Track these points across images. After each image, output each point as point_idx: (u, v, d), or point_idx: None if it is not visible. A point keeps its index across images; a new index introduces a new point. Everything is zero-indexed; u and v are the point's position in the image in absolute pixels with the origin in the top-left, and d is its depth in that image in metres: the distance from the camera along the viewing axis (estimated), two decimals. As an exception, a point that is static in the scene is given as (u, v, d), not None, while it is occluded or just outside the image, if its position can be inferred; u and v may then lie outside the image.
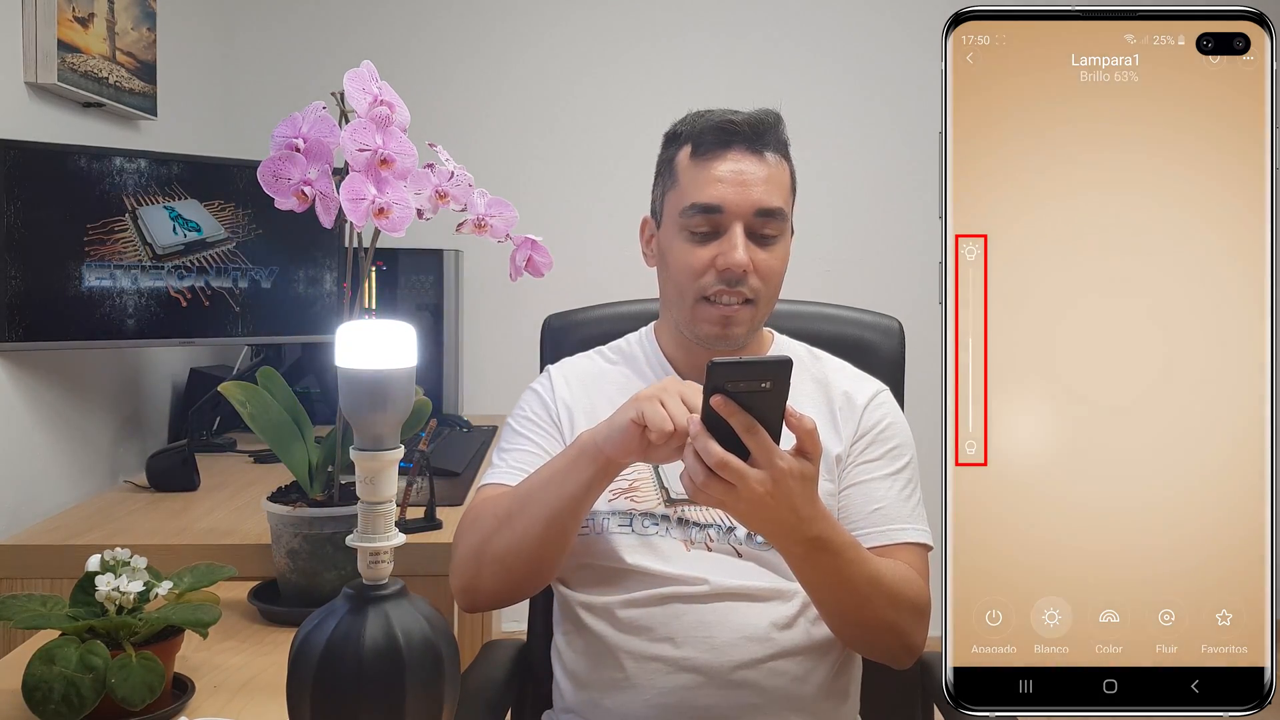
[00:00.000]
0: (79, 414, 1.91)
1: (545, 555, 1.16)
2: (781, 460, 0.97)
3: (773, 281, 1.25)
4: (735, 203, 1.22)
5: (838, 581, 1.09)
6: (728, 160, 1.23)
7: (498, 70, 3.06)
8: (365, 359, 0.86)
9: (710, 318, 1.24)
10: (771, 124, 1.26)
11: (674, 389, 1.05)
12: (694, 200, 1.23)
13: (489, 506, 1.20)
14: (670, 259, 1.27)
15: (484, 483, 1.28)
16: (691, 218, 1.23)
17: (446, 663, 0.87)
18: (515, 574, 1.17)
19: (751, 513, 1.00)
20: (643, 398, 1.05)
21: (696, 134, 1.26)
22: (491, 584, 1.18)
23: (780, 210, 1.24)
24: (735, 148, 1.23)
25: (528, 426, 1.30)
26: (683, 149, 1.27)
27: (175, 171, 1.87)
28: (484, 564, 1.17)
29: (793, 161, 1.29)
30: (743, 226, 1.22)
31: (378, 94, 1.13)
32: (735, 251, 1.21)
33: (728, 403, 0.96)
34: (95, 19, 1.95)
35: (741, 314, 1.24)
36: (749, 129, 1.24)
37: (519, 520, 1.14)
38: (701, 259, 1.23)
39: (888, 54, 3.08)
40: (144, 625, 1.01)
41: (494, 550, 1.16)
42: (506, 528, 1.15)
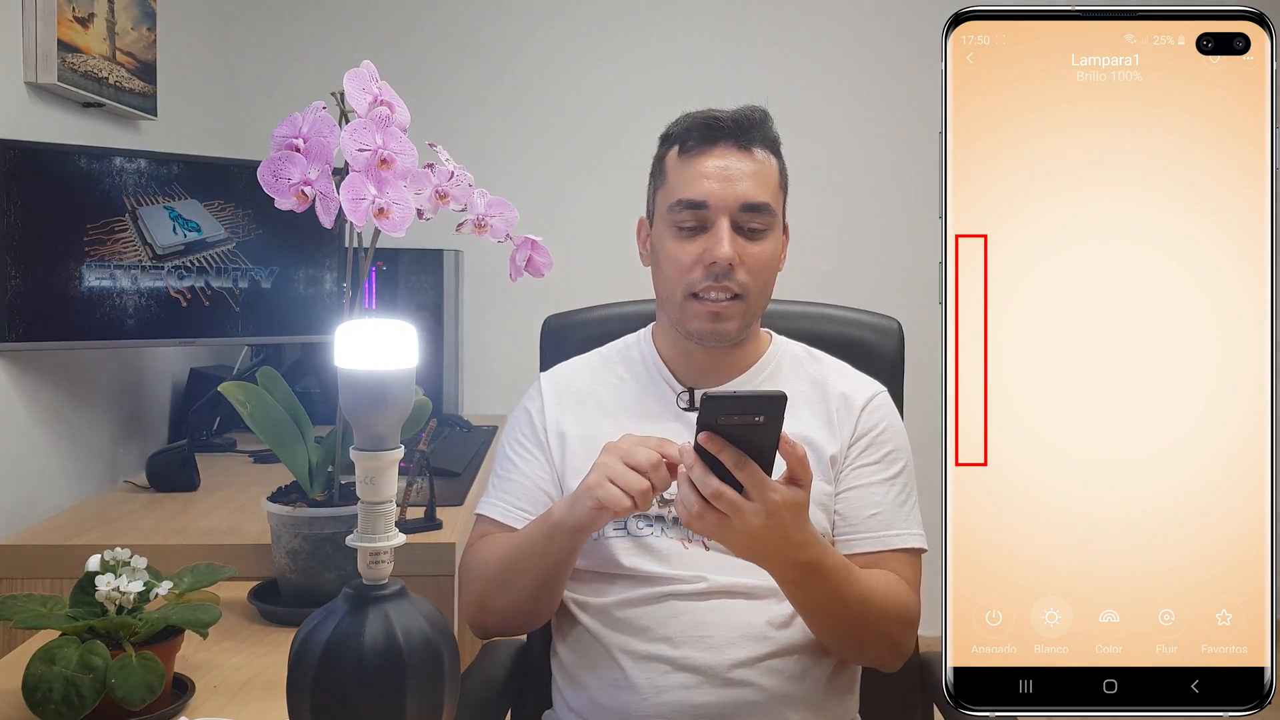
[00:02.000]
0: (79, 414, 1.91)
1: (542, 607, 1.24)
2: (774, 493, 0.99)
3: (762, 276, 1.25)
4: (720, 197, 1.23)
5: (830, 602, 1.11)
6: (713, 156, 1.24)
7: (498, 70, 3.06)
8: (365, 359, 0.86)
9: (700, 314, 1.24)
10: (758, 120, 1.27)
11: (615, 459, 1.08)
12: (680, 196, 1.24)
13: (484, 555, 1.25)
14: (661, 256, 1.28)
15: (481, 510, 1.32)
16: (678, 213, 1.25)
17: (446, 663, 0.87)
18: (519, 621, 1.27)
19: (746, 544, 1.03)
20: (591, 484, 1.08)
21: (683, 132, 1.28)
22: (499, 626, 1.27)
23: (767, 205, 1.24)
24: (721, 144, 1.25)
25: (517, 450, 1.33)
26: (672, 148, 1.29)
27: (175, 171, 1.87)
28: (489, 615, 1.25)
29: (783, 158, 1.30)
30: (729, 221, 1.23)
31: (378, 94, 1.13)
32: (720, 245, 1.22)
33: (715, 439, 0.97)
34: (95, 19, 1.95)
35: (731, 310, 1.24)
36: (734, 125, 1.25)
37: (512, 584, 1.21)
38: (689, 254, 1.24)
39: (887, 54, 3.08)
40: (144, 625, 1.01)
41: (495, 606, 1.23)
42: (501, 589, 1.21)
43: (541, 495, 1.28)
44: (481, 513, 1.31)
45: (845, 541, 1.23)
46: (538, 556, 1.17)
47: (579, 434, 1.29)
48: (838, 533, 1.24)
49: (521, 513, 1.27)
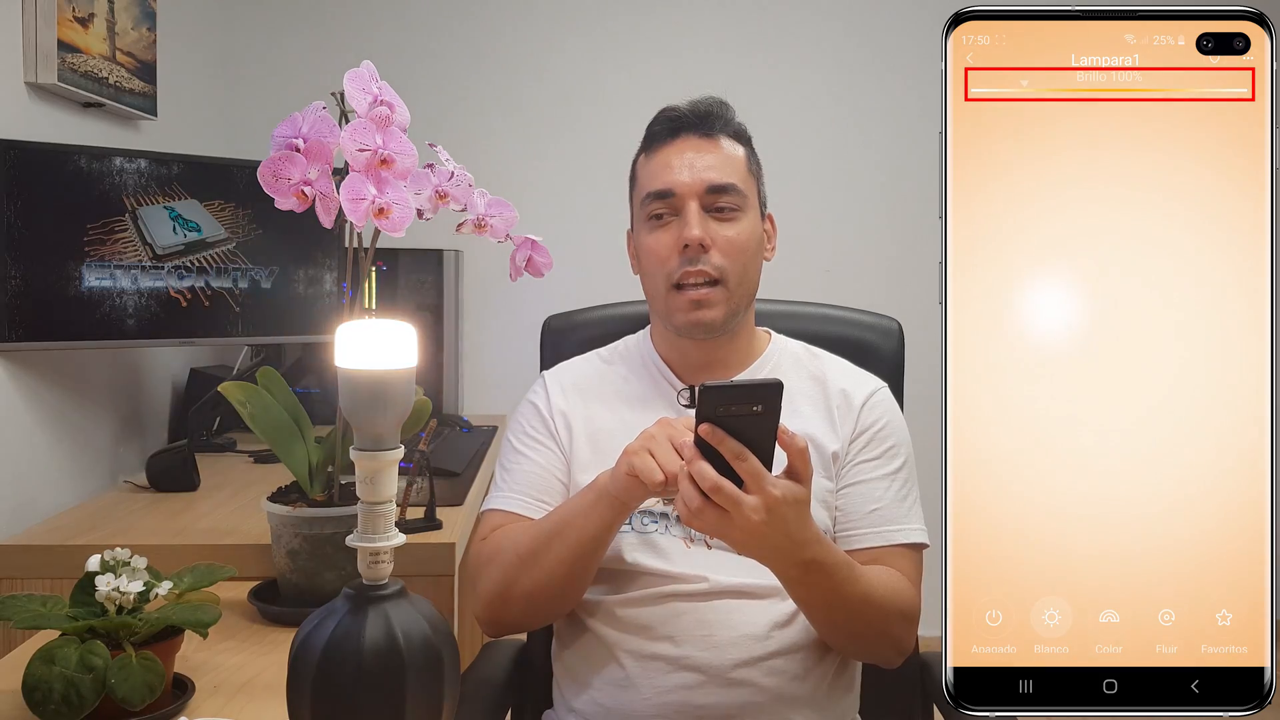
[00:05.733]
0: (79, 414, 1.91)
1: (571, 589, 1.20)
2: (774, 488, 0.99)
3: (738, 259, 1.25)
4: (686, 183, 1.25)
5: (831, 600, 1.11)
6: (676, 147, 1.27)
7: (498, 70, 3.06)
8: (365, 359, 0.86)
9: (682, 305, 1.25)
10: (718, 110, 1.30)
11: (663, 435, 1.06)
12: (648, 189, 1.27)
13: (507, 542, 1.22)
14: (641, 254, 1.30)
15: (489, 506, 1.30)
16: (649, 205, 1.27)
17: (446, 663, 0.87)
18: (543, 608, 1.22)
19: (746, 541, 1.02)
20: (632, 450, 1.07)
21: (647, 135, 1.31)
22: (519, 617, 1.23)
23: (733, 185, 1.26)
24: (683, 135, 1.28)
25: (527, 443, 1.31)
26: (640, 154, 1.32)
27: (175, 171, 1.87)
28: (511, 600, 1.20)
29: (752, 146, 1.32)
30: (697, 204, 1.24)
31: (378, 94, 1.13)
32: (690, 227, 1.23)
33: (715, 430, 0.97)
34: (95, 19, 1.95)
35: (712, 296, 1.24)
36: (694, 116, 1.28)
37: (544, 559, 1.16)
38: (663, 243, 1.25)
39: (888, 54, 3.08)
40: (144, 625, 1.01)
41: (521, 588, 1.19)
42: (532, 566, 1.17)
43: (556, 484, 1.28)
44: (493, 507, 1.29)
45: (846, 537, 1.23)
46: (578, 528, 1.15)
47: (584, 428, 1.29)
48: (839, 528, 1.24)
49: (539, 503, 1.26)
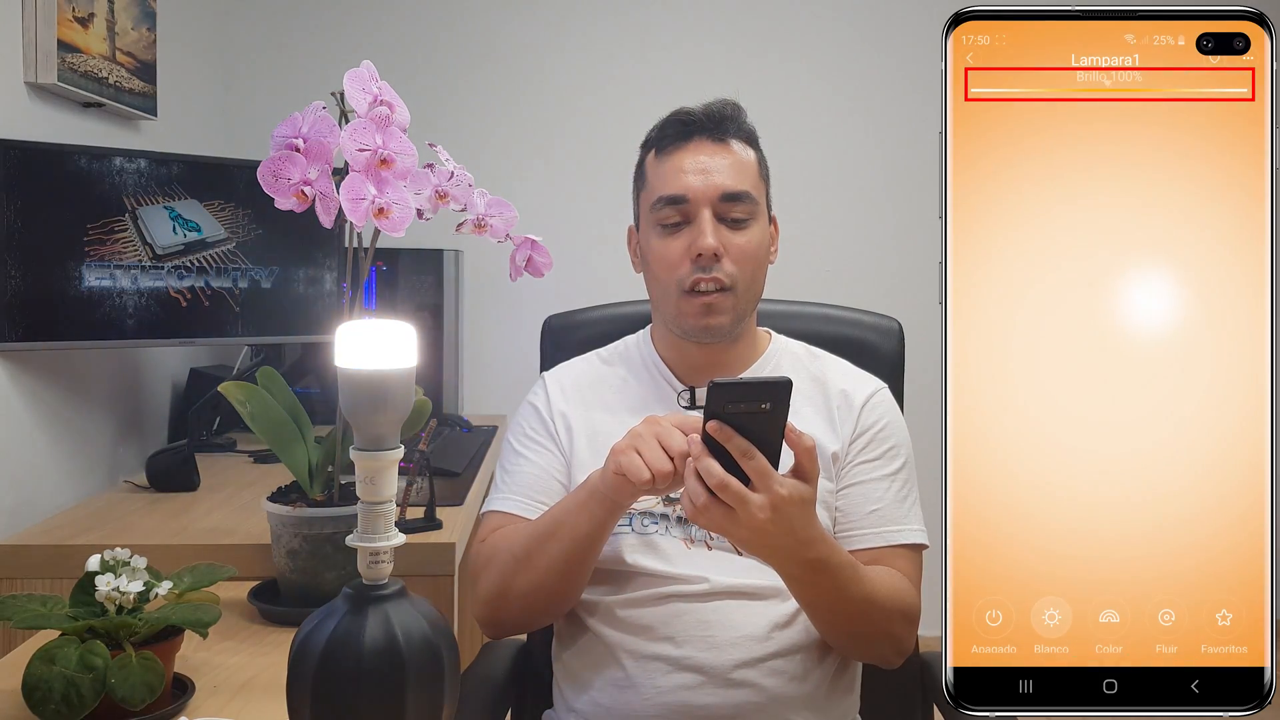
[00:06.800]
0: (79, 414, 1.91)
1: (567, 589, 1.20)
2: (780, 486, 0.99)
3: (748, 266, 1.25)
4: (699, 189, 1.24)
5: (835, 600, 1.11)
6: (689, 151, 1.26)
7: (498, 70, 3.06)
8: (365, 359, 0.86)
9: (692, 310, 1.25)
10: (730, 113, 1.29)
11: (651, 433, 1.06)
12: (660, 194, 1.26)
13: (504, 543, 1.22)
14: (649, 257, 1.29)
15: (489, 508, 1.30)
16: (661, 210, 1.26)
17: (446, 663, 0.87)
18: (540, 608, 1.22)
19: (752, 539, 1.02)
20: (619, 449, 1.07)
21: (658, 134, 1.30)
22: (518, 618, 1.24)
23: (747, 193, 1.25)
24: (695, 139, 1.26)
25: (527, 445, 1.31)
26: (649, 152, 1.31)
27: (175, 171, 1.87)
28: (509, 601, 1.20)
29: (761, 150, 1.31)
30: (710, 212, 1.24)
31: (378, 94, 1.13)
32: (704, 236, 1.22)
33: (723, 428, 0.97)
34: (95, 19, 1.95)
35: (722, 302, 1.24)
36: (707, 119, 1.27)
37: (539, 559, 1.17)
38: (675, 250, 1.25)
39: (889, 54, 3.08)
40: (144, 625, 1.01)
41: (518, 589, 1.19)
42: (528, 567, 1.18)
43: (556, 485, 1.28)
44: (493, 509, 1.29)
45: (846, 538, 1.23)
46: (570, 527, 1.15)
47: (584, 429, 1.29)
48: (839, 529, 1.24)
49: (538, 504, 1.26)
